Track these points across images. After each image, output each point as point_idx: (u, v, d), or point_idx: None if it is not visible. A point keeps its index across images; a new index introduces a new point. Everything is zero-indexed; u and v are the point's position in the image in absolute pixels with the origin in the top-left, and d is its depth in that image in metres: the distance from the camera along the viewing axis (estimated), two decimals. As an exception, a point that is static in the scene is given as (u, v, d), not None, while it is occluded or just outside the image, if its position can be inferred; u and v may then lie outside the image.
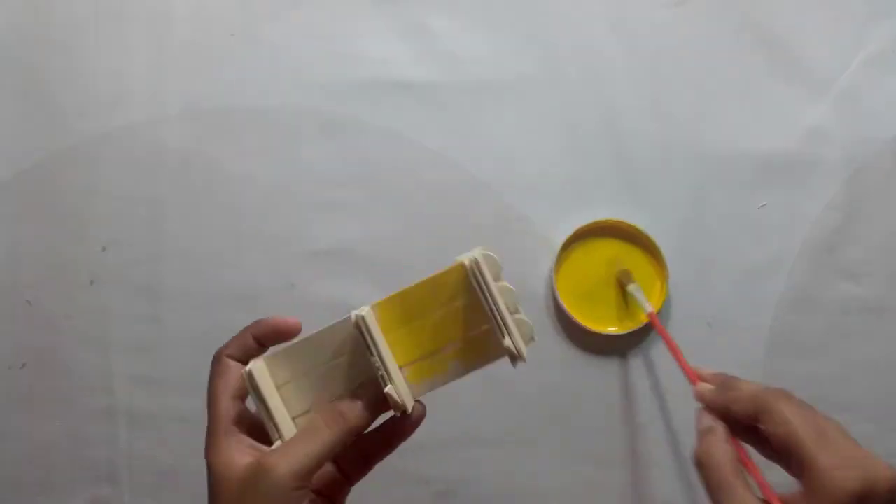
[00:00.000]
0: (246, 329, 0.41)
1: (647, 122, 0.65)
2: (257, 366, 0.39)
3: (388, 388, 0.37)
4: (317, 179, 0.65)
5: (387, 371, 0.38)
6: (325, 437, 0.37)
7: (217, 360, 0.41)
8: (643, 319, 0.63)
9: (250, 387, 0.39)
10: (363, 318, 0.38)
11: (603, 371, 0.65)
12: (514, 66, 0.66)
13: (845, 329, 0.64)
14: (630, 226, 0.63)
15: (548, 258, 0.64)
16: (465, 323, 0.39)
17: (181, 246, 0.65)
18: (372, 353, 0.38)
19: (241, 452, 0.37)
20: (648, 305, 0.60)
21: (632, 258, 0.64)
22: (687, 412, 0.67)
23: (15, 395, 0.64)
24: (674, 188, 0.65)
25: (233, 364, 0.40)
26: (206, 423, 0.40)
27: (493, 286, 0.38)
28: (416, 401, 0.39)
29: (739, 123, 0.65)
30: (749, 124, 0.65)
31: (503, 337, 0.38)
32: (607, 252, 0.64)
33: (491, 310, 0.38)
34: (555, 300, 0.64)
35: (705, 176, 0.65)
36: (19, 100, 0.65)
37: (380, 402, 0.38)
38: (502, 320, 0.38)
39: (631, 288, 0.62)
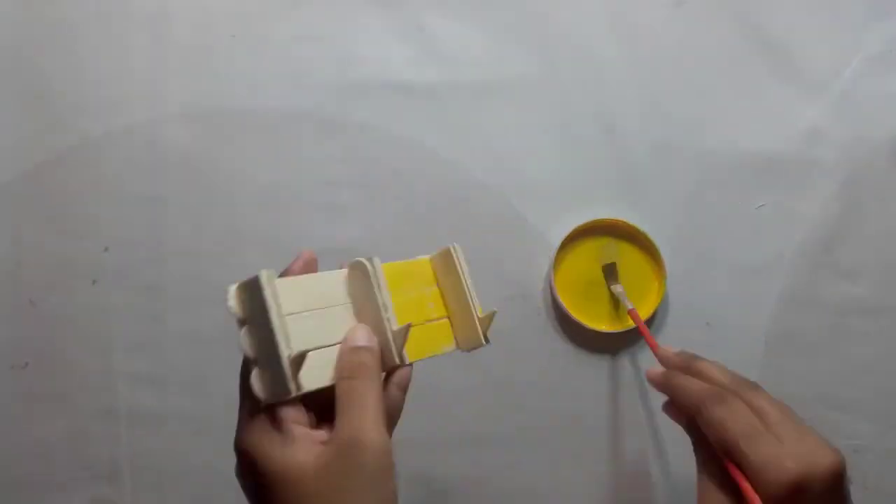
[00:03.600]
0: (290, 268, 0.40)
1: (645, 122, 0.66)
2: (269, 273, 0.37)
3: (393, 330, 0.39)
4: (317, 179, 0.66)
5: (390, 316, 0.40)
6: (372, 389, 0.36)
7: None
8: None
9: (265, 288, 0.36)
10: (372, 260, 0.41)
11: (600, 369, 0.65)
12: (513, 66, 0.66)
13: (843, 328, 0.65)
14: (628, 224, 0.64)
15: (546, 257, 0.64)
16: (441, 305, 0.45)
17: (182, 246, 0.65)
18: (379, 293, 0.40)
19: (297, 445, 0.35)
20: (629, 302, 0.61)
21: (630, 257, 0.64)
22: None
23: (17, 395, 0.64)
24: (672, 188, 0.66)
25: None
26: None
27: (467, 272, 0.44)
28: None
29: (738, 124, 0.65)
30: (747, 124, 0.65)
31: (475, 315, 0.43)
32: (605, 251, 0.65)
33: (467, 289, 0.43)
34: (553, 298, 0.64)
35: (703, 176, 0.65)
36: (20, 101, 0.66)
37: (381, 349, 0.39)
38: (472, 300, 0.43)
39: (615, 289, 0.63)
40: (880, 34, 0.66)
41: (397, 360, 0.40)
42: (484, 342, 0.43)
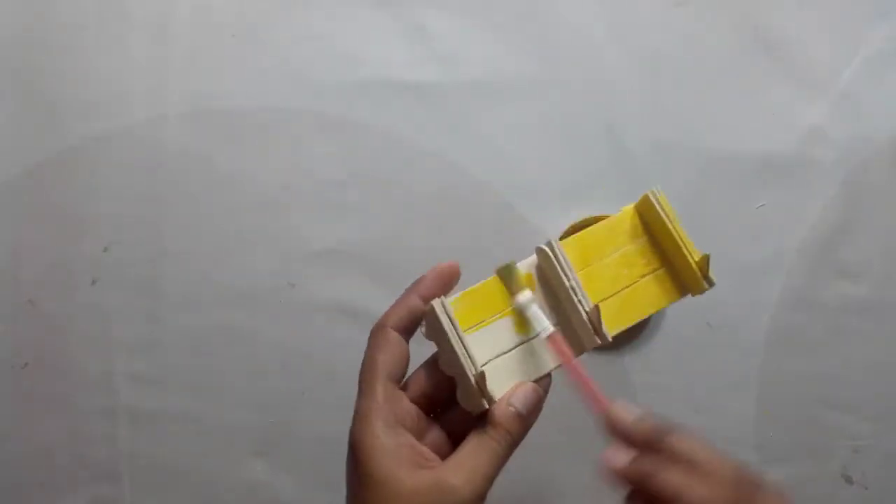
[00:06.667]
0: (408, 292, 0.37)
1: (645, 122, 0.66)
2: (443, 301, 0.36)
3: (588, 310, 0.36)
4: (317, 179, 0.66)
5: (581, 298, 0.37)
6: (498, 450, 0.36)
7: (378, 332, 0.36)
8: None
9: (442, 319, 0.35)
10: (552, 244, 0.38)
11: (599, 367, 0.65)
12: (513, 66, 0.66)
13: (844, 328, 0.65)
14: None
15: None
16: (653, 257, 0.40)
17: (182, 246, 0.65)
18: (567, 278, 0.37)
19: (406, 460, 0.34)
20: (547, 323, 0.38)
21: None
22: (685, 409, 0.67)
23: (16, 395, 0.64)
24: (672, 187, 0.65)
25: (395, 337, 0.36)
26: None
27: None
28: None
29: (738, 123, 0.66)
30: (748, 124, 0.65)
31: (690, 259, 0.39)
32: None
33: (680, 238, 0.39)
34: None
35: (704, 175, 0.65)
36: (21, 101, 0.65)
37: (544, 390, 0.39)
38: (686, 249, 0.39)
39: (520, 299, 0.38)
40: (882, 33, 0.66)
41: (598, 341, 0.37)
42: (706, 286, 0.40)
